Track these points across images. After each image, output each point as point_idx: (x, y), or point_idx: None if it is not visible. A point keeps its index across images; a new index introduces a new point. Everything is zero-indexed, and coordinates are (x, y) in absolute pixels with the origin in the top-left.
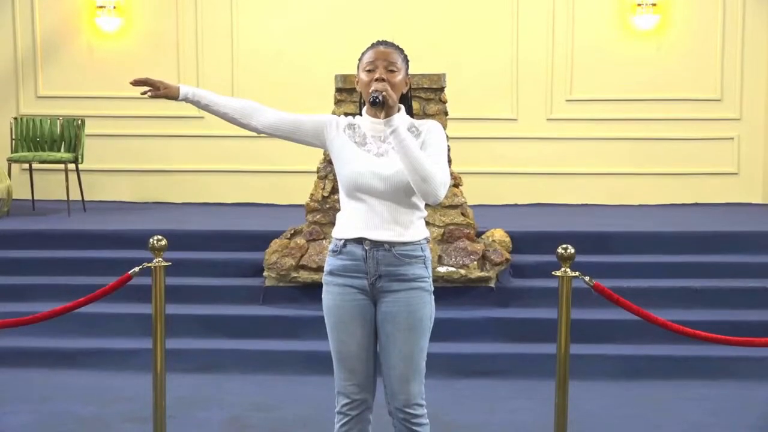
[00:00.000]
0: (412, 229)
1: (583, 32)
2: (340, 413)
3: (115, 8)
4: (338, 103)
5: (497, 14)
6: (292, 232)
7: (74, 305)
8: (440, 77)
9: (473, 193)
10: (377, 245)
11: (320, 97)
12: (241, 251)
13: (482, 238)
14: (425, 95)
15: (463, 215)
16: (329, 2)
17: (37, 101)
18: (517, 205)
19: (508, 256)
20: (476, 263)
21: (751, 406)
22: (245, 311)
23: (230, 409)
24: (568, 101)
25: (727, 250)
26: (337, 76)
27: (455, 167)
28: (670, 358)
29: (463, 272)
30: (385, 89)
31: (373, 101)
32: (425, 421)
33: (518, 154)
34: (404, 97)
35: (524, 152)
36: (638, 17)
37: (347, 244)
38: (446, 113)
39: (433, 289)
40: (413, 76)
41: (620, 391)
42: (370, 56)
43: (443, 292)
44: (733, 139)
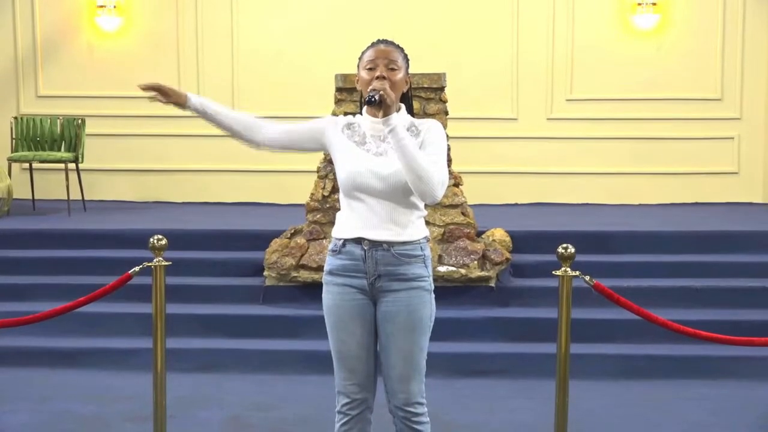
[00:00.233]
0: (411, 228)
1: (583, 32)
2: (340, 413)
3: (115, 8)
4: (338, 102)
5: (497, 14)
6: (292, 231)
7: (74, 305)
8: (440, 77)
9: (473, 192)
10: (376, 245)
11: (320, 96)
12: (241, 251)
13: (482, 237)
14: (425, 95)
15: (463, 215)
16: (329, 2)
17: (37, 101)
18: (517, 204)
19: (508, 255)
20: (476, 263)
21: (751, 405)
22: (245, 311)
23: (230, 408)
24: (568, 101)
25: (727, 249)
26: (337, 75)
27: (455, 167)
28: (670, 357)
29: (463, 272)
30: (382, 88)
31: (369, 101)
32: (426, 419)
33: (518, 153)
34: (404, 96)
35: (524, 152)
36: (638, 17)
37: (346, 243)
38: (446, 113)
39: (433, 288)
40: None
41: (620, 390)
42: (370, 54)
43: (443, 291)
44: (733, 138)
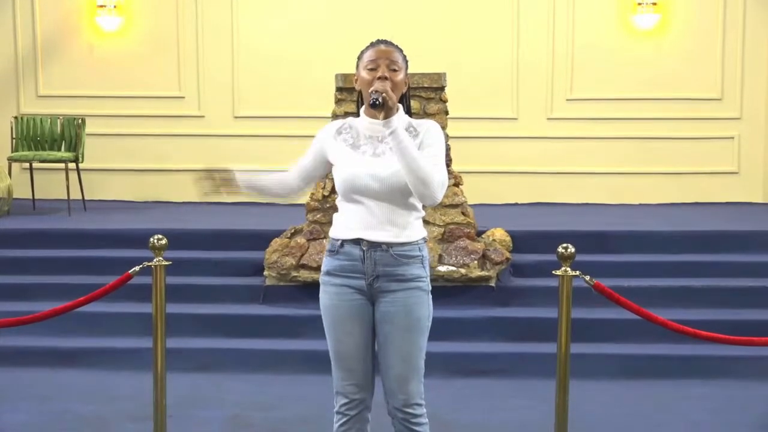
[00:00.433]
0: (409, 229)
1: (583, 31)
2: (338, 413)
3: (115, 7)
4: (338, 102)
5: (498, 13)
6: (292, 231)
7: (75, 304)
8: (440, 76)
9: (473, 192)
10: (375, 245)
11: (320, 96)
12: (241, 250)
13: (482, 237)
14: (425, 94)
15: (463, 214)
16: (329, 2)
17: (37, 100)
18: (517, 204)
19: (508, 255)
20: (477, 262)
21: (751, 405)
22: (245, 310)
23: (230, 408)
24: (568, 100)
25: (727, 249)
26: (337, 75)
27: (456, 166)
28: (670, 357)
29: (463, 271)
30: (385, 90)
31: (372, 103)
32: (425, 420)
33: (519, 153)
34: (402, 96)
35: (525, 151)
36: (639, 16)
37: (344, 244)
38: (447, 112)
39: (430, 288)
40: (413, 75)
41: (620, 390)
42: (371, 55)
43: (443, 291)
44: (733, 138)
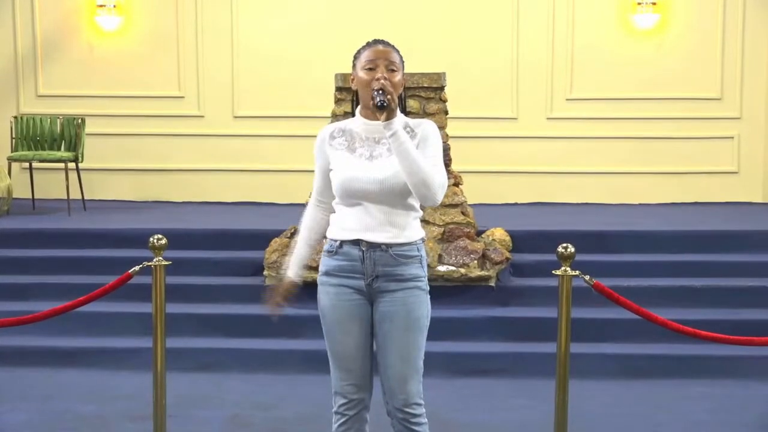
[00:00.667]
0: (408, 230)
1: (583, 31)
2: (337, 413)
3: (115, 7)
4: (338, 102)
5: (497, 13)
6: (292, 231)
7: (74, 304)
8: (440, 76)
9: (473, 192)
10: (374, 246)
11: (320, 96)
12: (241, 250)
13: (482, 237)
14: (425, 94)
15: (463, 214)
16: (329, 2)
17: (37, 100)
18: (517, 204)
19: (508, 255)
20: (476, 262)
21: (751, 404)
22: (245, 310)
23: (230, 407)
24: (568, 100)
25: (727, 249)
26: (337, 75)
27: (456, 166)
28: (670, 357)
29: (463, 271)
30: (390, 92)
31: (380, 105)
32: (424, 420)
33: (518, 153)
34: (399, 96)
35: (524, 151)
36: (638, 16)
37: (343, 245)
38: (446, 112)
39: (428, 288)
40: (413, 75)
41: (620, 390)
42: (369, 55)
43: (443, 291)
44: (733, 138)
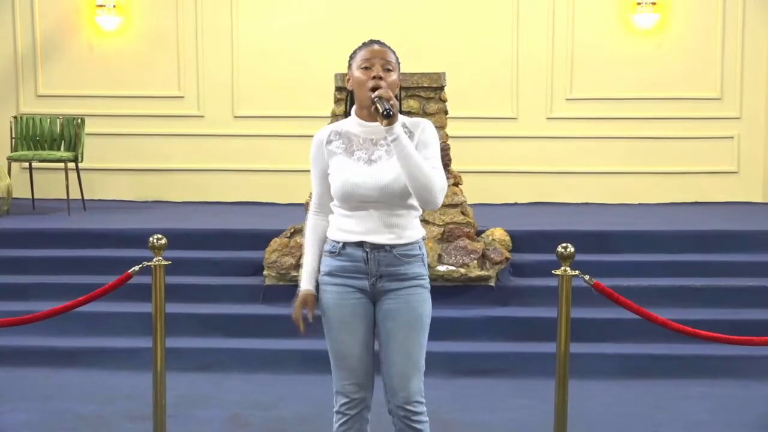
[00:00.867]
0: (410, 230)
1: (583, 31)
2: (338, 413)
3: (115, 7)
4: (338, 102)
5: (497, 13)
6: (291, 230)
7: (74, 304)
8: (440, 76)
9: (473, 192)
10: (378, 247)
11: (320, 96)
12: (240, 250)
13: (482, 237)
14: (425, 94)
15: (463, 214)
16: (329, 2)
17: (37, 100)
18: (517, 204)
19: (508, 255)
20: (476, 262)
21: (751, 404)
22: (245, 310)
23: (230, 407)
24: (568, 100)
25: (727, 249)
26: (336, 75)
27: (455, 166)
28: (670, 356)
29: (463, 271)
30: (389, 96)
31: (387, 115)
32: (425, 418)
33: (518, 153)
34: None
35: (524, 151)
36: (638, 16)
37: (346, 246)
38: (446, 112)
39: (430, 287)
40: (413, 75)
41: (620, 389)
42: (365, 54)
43: (443, 290)
44: (733, 137)
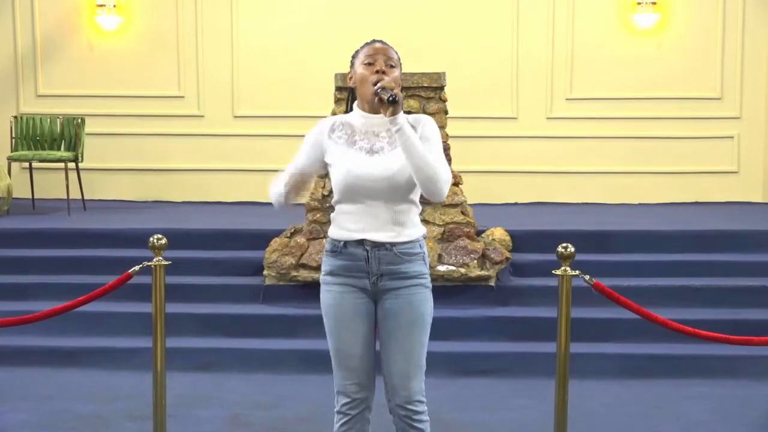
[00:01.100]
0: (410, 227)
1: (583, 31)
2: (339, 413)
3: (115, 6)
4: (338, 102)
5: (497, 13)
6: (292, 230)
7: (74, 304)
8: (440, 76)
9: (473, 191)
10: (378, 245)
11: (320, 96)
12: (241, 250)
13: (482, 236)
14: (425, 94)
15: (463, 214)
16: (329, 2)
17: (37, 100)
18: (517, 203)
19: (508, 254)
20: (476, 262)
21: (751, 404)
22: (245, 310)
23: (230, 407)
24: (568, 100)
25: (727, 248)
26: (337, 74)
27: (455, 166)
28: (670, 356)
29: (463, 271)
30: (392, 86)
31: (392, 101)
32: (426, 418)
33: (518, 152)
34: None
35: (524, 151)
36: (638, 16)
37: (347, 245)
38: (446, 112)
39: (431, 286)
40: (413, 75)
41: (620, 389)
42: (368, 51)
43: (443, 290)
44: (733, 137)
